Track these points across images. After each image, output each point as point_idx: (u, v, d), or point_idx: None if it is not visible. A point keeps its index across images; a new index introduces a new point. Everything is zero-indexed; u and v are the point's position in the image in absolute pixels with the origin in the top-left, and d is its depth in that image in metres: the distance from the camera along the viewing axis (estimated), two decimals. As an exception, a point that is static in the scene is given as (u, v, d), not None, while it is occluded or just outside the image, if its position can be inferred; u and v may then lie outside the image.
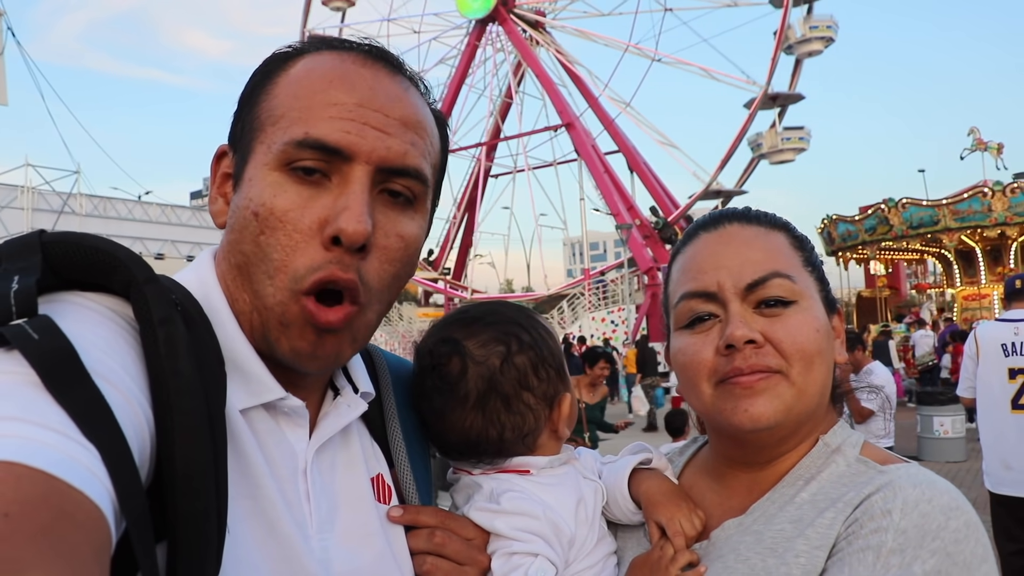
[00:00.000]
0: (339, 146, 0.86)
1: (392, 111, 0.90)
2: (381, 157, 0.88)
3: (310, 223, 0.85)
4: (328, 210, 0.85)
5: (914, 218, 24.09)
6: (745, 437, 1.05)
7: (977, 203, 22.90)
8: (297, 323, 0.86)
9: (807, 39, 34.82)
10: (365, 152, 0.87)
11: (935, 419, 10.93)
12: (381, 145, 0.88)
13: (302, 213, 0.85)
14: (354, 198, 0.85)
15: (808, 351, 1.02)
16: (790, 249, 1.11)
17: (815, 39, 34.97)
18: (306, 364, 0.89)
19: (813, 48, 35.22)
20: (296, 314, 0.86)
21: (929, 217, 23.75)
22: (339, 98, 0.88)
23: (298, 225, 0.85)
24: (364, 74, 0.91)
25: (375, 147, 0.87)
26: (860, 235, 25.79)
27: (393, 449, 1.06)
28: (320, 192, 0.86)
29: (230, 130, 0.95)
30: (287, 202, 0.85)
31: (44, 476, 0.53)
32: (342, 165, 0.87)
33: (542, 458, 1.14)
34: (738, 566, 0.99)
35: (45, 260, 0.70)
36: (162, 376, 0.70)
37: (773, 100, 35.69)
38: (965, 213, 23.15)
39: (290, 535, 0.85)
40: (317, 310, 0.85)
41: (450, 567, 1.01)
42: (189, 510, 0.67)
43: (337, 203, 0.85)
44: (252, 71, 0.95)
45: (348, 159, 0.86)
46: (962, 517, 0.90)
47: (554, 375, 1.16)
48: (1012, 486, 4.92)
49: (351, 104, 0.88)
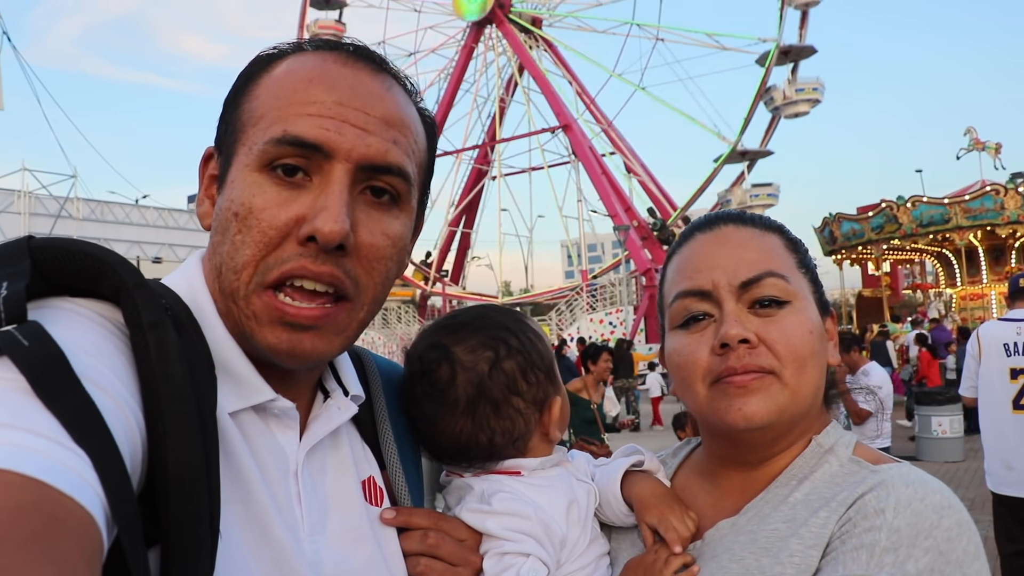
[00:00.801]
0: (318, 142, 0.85)
1: (373, 109, 0.89)
2: (361, 155, 0.87)
3: (286, 220, 0.84)
4: (306, 209, 0.84)
5: (924, 216, 24.01)
6: (739, 436, 1.06)
7: (990, 201, 22.85)
8: (265, 318, 0.85)
9: (793, 101, 36.04)
10: (344, 150, 0.86)
11: (933, 419, 10.94)
12: (361, 143, 0.87)
13: (278, 212, 0.84)
14: (332, 198, 0.84)
15: (801, 352, 1.03)
16: (784, 251, 1.12)
17: (801, 101, 36.16)
18: (285, 361, 0.88)
19: (800, 110, 36.08)
20: (260, 308, 0.85)
21: (940, 215, 23.69)
22: (318, 96, 0.87)
23: (273, 222, 0.84)
24: (345, 73, 0.90)
25: (355, 144, 0.86)
26: (866, 233, 25.63)
27: (384, 452, 1.06)
28: (300, 192, 0.86)
29: (216, 132, 0.95)
30: (265, 201, 0.85)
31: (35, 483, 0.53)
32: (323, 163, 0.86)
33: (533, 460, 1.14)
34: (732, 566, 0.99)
35: (34, 265, 0.70)
36: (153, 381, 0.69)
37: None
38: (977, 211, 23.10)
39: (282, 538, 0.84)
40: (282, 304, 0.84)
41: (443, 568, 1.01)
42: (182, 514, 0.67)
43: (316, 203, 0.85)
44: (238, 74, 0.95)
45: (328, 156, 0.86)
46: (954, 516, 0.91)
47: (544, 379, 1.16)
48: (1013, 486, 4.91)
49: (330, 102, 0.87)
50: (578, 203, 38.54)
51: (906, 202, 24.17)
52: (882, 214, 24.94)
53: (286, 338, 0.86)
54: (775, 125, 37.93)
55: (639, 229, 35.43)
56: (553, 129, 39.63)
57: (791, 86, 36.49)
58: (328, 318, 0.86)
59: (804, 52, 36.65)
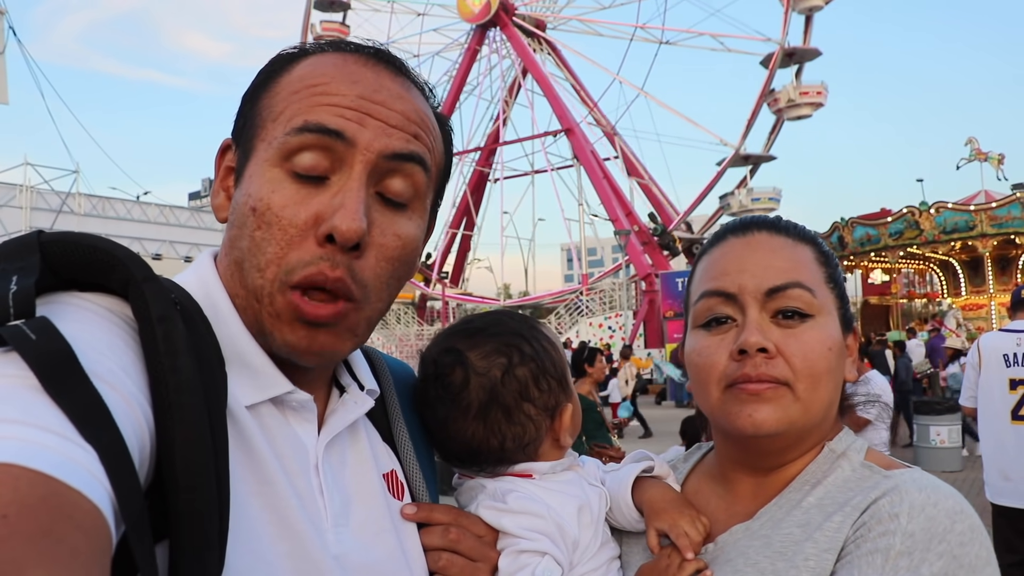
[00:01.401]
0: (340, 129, 0.86)
1: (394, 106, 0.90)
2: (384, 145, 0.88)
3: (305, 219, 0.85)
4: (324, 207, 0.85)
5: (948, 223, 23.47)
6: (748, 442, 1.07)
7: (1017, 209, 22.57)
8: (286, 316, 0.86)
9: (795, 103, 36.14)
10: (366, 140, 0.87)
11: (931, 428, 10.93)
12: (383, 134, 0.87)
13: (297, 210, 0.85)
14: (350, 196, 0.85)
15: (817, 369, 1.03)
16: (815, 263, 1.11)
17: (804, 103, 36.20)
18: (302, 358, 0.89)
19: (802, 112, 36.25)
20: (284, 307, 0.86)
21: (964, 222, 23.33)
22: (340, 90, 0.88)
23: (293, 220, 0.85)
24: (366, 72, 0.91)
25: (376, 135, 0.87)
26: (883, 239, 24.86)
27: (400, 447, 1.07)
28: (318, 191, 0.86)
29: (234, 125, 0.95)
30: (284, 198, 0.85)
31: (43, 478, 0.53)
32: (344, 155, 0.86)
33: (544, 464, 1.15)
34: (747, 570, 1.00)
35: (43, 260, 0.69)
36: (161, 374, 0.69)
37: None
38: (1004, 219, 22.79)
39: (304, 530, 0.84)
40: (304, 304, 0.85)
41: (464, 563, 1.02)
42: (190, 508, 0.67)
43: (333, 201, 0.85)
44: (256, 71, 0.95)
45: (350, 145, 0.86)
46: (967, 521, 0.92)
47: (556, 386, 1.17)
48: (1011, 497, 4.90)
49: (352, 96, 0.88)
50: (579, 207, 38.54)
51: (929, 208, 23.70)
52: (903, 219, 24.30)
53: (304, 335, 0.87)
54: (778, 129, 37.98)
55: (640, 234, 35.42)
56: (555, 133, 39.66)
57: (795, 88, 36.57)
58: (340, 316, 0.87)
59: (808, 55, 36.74)
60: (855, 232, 25.70)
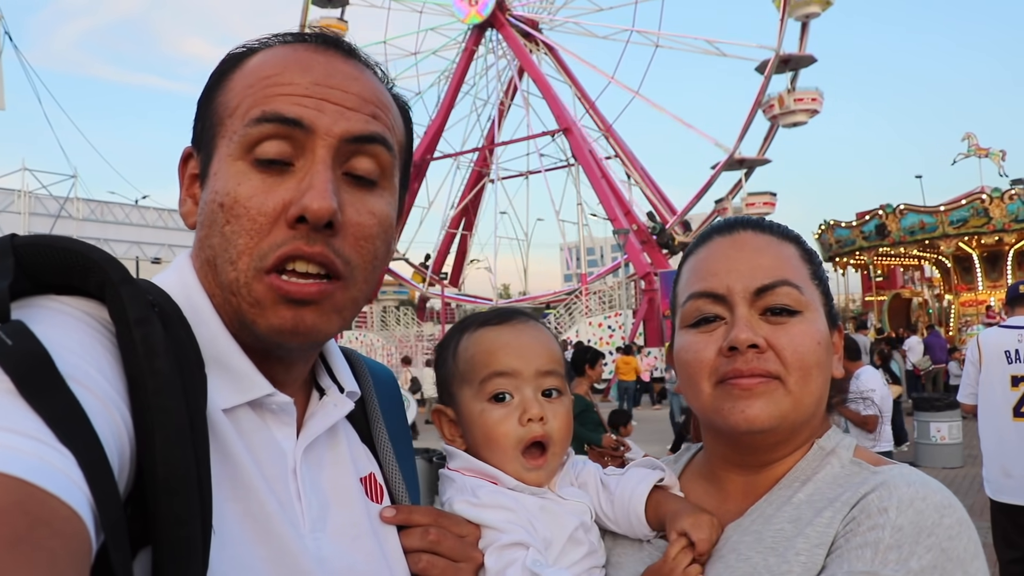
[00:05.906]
0: (298, 117, 0.85)
1: (349, 88, 0.90)
2: (344, 129, 0.87)
3: (274, 207, 0.84)
4: (291, 192, 0.85)
5: (914, 224, 24.26)
6: (740, 438, 1.08)
7: (966, 211, 23.04)
8: (268, 301, 0.85)
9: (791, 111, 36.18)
10: (325, 126, 0.86)
11: (932, 425, 10.93)
12: (341, 118, 0.87)
13: (265, 199, 0.85)
14: (318, 177, 0.85)
15: (807, 362, 1.05)
16: (799, 261, 1.13)
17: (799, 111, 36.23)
18: (290, 340, 0.87)
19: (798, 119, 36.31)
20: (263, 292, 0.85)
21: (930, 224, 23.89)
22: (294, 79, 0.88)
23: (262, 209, 0.84)
24: (317, 58, 0.91)
25: (335, 120, 0.87)
26: (857, 241, 25.92)
27: (380, 449, 1.06)
28: (283, 179, 0.86)
29: (192, 133, 0.95)
30: (250, 189, 0.85)
31: (19, 483, 0.52)
32: (304, 142, 0.86)
33: (510, 479, 1.12)
34: (739, 565, 1.01)
35: (18, 264, 0.68)
36: (140, 377, 0.68)
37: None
38: (962, 220, 23.26)
39: (284, 534, 0.84)
40: (284, 284, 0.84)
41: (445, 564, 1.02)
42: (172, 512, 0.66)
43: (300, 185, 0.85)
44: None
45: (308, 132, 0.86)
46: (955, 515, 0.93)
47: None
48: (1012, 494, 4.90)
49: (306, 83, 0.88)
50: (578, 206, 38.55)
51: (894, 210, 24.38)
52: (872, 222, 25.21)
53: (289, 316, 0.86)
54: (773, 134, 37.91)
55: (639, 233, 35.40)
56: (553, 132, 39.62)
57: (790, 95, 36.54)
58: (325, 294, 0.86)
59: (804, 61, 36.64)
60: (835, 233, 27.00)
